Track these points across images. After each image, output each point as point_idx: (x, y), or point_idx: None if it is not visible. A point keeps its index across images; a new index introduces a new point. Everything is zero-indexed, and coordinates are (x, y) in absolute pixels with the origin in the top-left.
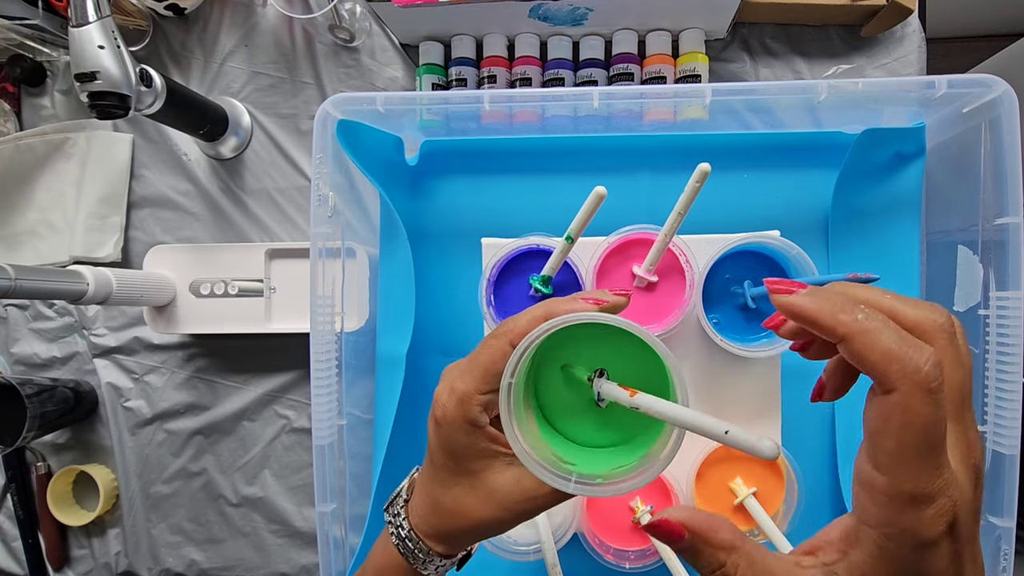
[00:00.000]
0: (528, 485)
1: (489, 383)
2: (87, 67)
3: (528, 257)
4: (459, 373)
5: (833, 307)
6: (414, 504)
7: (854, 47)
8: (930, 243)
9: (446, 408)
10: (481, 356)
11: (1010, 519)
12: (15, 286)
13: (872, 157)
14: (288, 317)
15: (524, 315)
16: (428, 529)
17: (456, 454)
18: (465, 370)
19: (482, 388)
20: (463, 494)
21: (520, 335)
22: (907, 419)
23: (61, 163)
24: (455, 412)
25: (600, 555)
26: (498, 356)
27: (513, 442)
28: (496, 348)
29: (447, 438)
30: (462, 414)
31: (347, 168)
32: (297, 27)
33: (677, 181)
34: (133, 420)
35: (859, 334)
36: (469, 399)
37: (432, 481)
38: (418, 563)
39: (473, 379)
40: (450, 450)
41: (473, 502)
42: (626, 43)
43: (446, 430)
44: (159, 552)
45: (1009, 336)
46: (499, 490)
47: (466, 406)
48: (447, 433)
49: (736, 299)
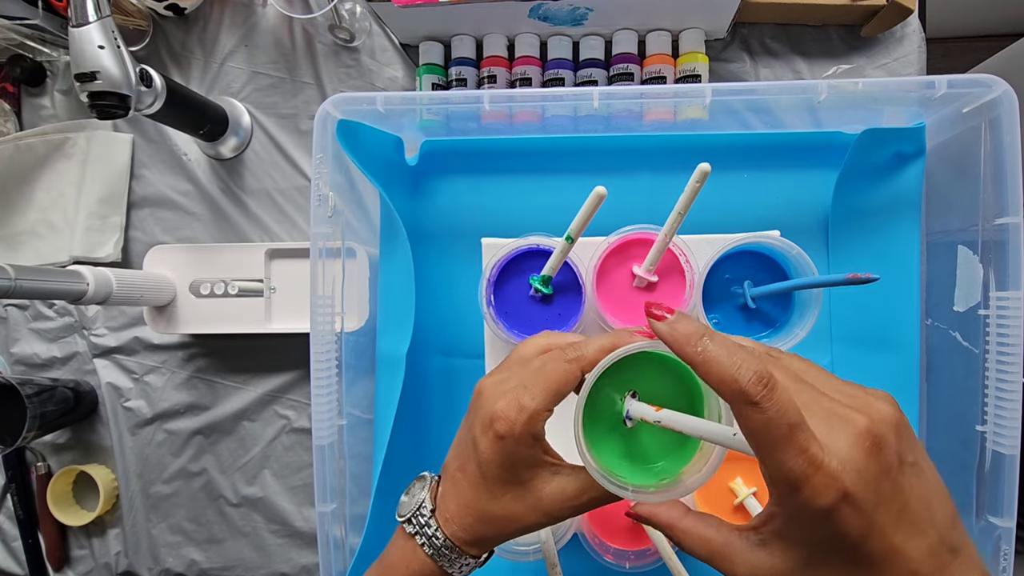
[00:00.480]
0: (570, 492)
1: (555, 402)
2: (87, 67)
3: (528, 257)
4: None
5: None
6: (450, 514)
7: (854, 47)
8: (930, 243)
9: (514, 424)
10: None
11: (1010, 519)
12: (15, 286)
13: (872, 157)
14: (288, 317)
15: (593, 343)
16: (471, 537)
17: (513, 465)
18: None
19: (551, 406)
20: (512, 503)
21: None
22: (748, 426)
23: (61, 163)
24: (523, 428)
25: (600, 555)
26: (570, 379)
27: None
28: (568, 372)
29: (510, 451)
30: (529, 429)
31: (347, 168)
32: (297, 27)
33: (677, 181)
34: (133, 420)
35: (702, 363)
36: (538, 416)
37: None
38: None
39: (544, 397)
40: (509, 463)
41: (521, 509)
42: (626, 43)
43: (510, 444)
44: (159, 552)
45: (1009, 336)
46: (545, 497)
47: (535, 422)
48: (510, 447)
49: (736, 299)
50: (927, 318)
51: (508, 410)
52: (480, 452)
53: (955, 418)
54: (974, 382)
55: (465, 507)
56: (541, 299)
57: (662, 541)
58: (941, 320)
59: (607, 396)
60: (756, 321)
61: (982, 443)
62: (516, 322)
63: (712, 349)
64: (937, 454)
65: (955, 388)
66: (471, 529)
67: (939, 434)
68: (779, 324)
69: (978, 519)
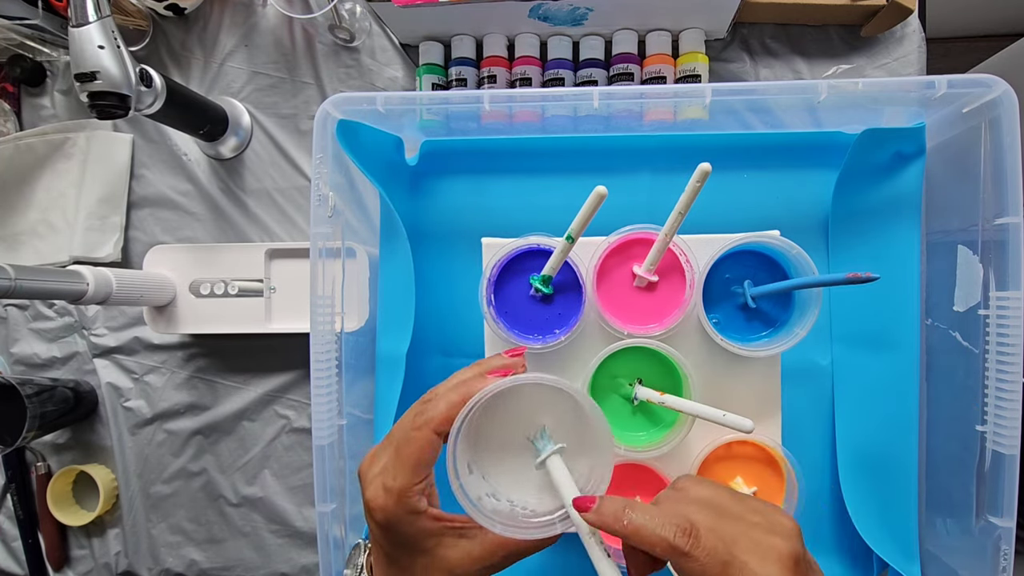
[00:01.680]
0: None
1: (420, 473)
2: (87, 67)
3: (528, 257)
4: (386, 471)
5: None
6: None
7: (854, 47)
8: (930, 243)
9: (385, 508)
10: (407, 450)
11: (1010, 519)
12: (15, 286)
13: (872, 157)
14: (288, 317)
15: (440, 402)
16: None
17: (406, 542)
18: (392, 467)
19: (415, 480)
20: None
21: (441, 422)
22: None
23: (61, 163)
24: (396, 509)
25: None
26: (424, 447)
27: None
28: (422, 439)
29: (394, 533)
30: (403, 508)
31: (347, 168)
32: (297, 27)
33: (677, 181)
34: (133, 420)
35: (633, 534)
36: (406, 493)
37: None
38: None
39: (404, 474)
40: (399, 542)
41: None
42: (626, 43)
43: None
44: (159, 552)
45: (1009, 336)
46: (454, 562)
47: (404, 501)
48: (393, 529)
49: (736, 299)
50: (927, 318)
51: (376, 497)
52: (374, 536)
53: (955, 418)
54: (974, 382)
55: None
56: (541, 299)
57: None
58: (941, 320)
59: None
60: (756, 321)
61: (982, 443)
62: (516, 322)
63: (636, 519)
64: (937, 454)
65: (955, 388)
66: None
67: (939, 434)
68: (779, 324)
69: (978, 519)
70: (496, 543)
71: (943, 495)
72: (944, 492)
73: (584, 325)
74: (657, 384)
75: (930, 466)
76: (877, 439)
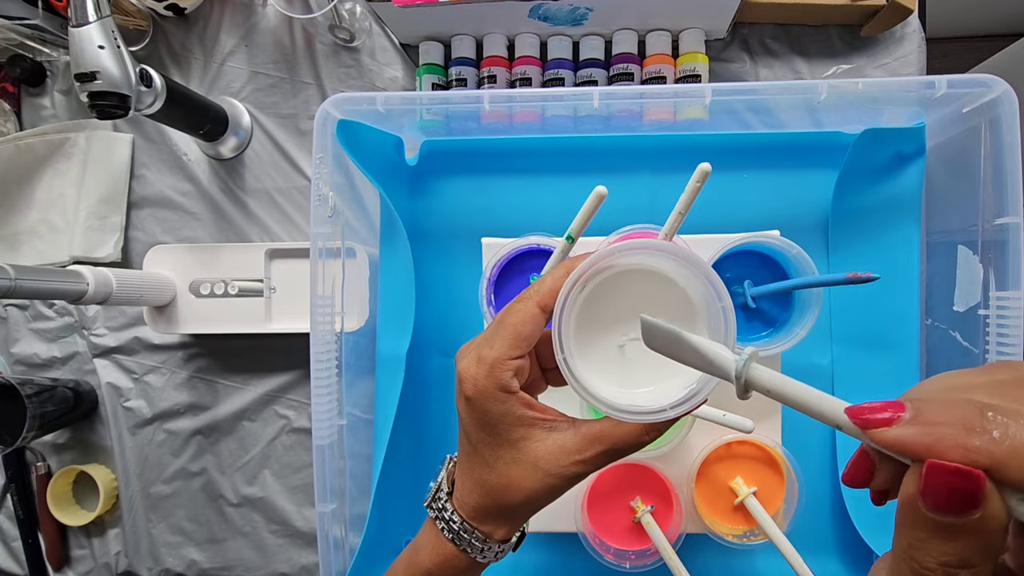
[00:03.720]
0: (571, 446)
1: (519, 347)
2: (87, 67)
3: (528, 257)
4: (485, 342)
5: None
6: (460, 494)
7: (854, 47)
8: (930, 243)
9: (476, 379)
10: (509, 320)
11: None
12: (15, 286)
13: (872, 157)
14: (288, 317)
15: (547, 277)
16: (482, 515)
17: (493, 425)
18: (491, 337)
19: (512, 353)
20: (508, 467)
21: (548, 294)
22: None
23: (61, 163)
24: (486, 381)
25: (600, 555)
26: (528, 319)
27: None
28: (525, 312)
29: (482, 411)
30: (494, 382)
31: (347, 168)
32: (297, 27)
33: (677, 181)
34: (133, 420)
35: None
36: (500, 364)
37: (473, 463)
38: (476, 552)
39: (502, 344)
40: (487, 423)
41: (520, 474)
42: (626, 43)
43: (479, 402)
44: (159, 552)
45: (1009, 336)
46: (543, 457)
47: (497, 372)
48: (481, 405)
49: (736, 299)
50: (927, 318)
51: (469, 367)
52: (462, 420)
53: None
54: None
55: (470, 483)
56: None
57: (662, 541)
58: (941, 320)
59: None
60: (756, 320)
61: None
62: None
63: None
64: None
65: None
66: (480, 507)
67: None
68: (779, 324)
69: None
70: (591, 436)
71: None
72: None
73: None
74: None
75: None
76: None
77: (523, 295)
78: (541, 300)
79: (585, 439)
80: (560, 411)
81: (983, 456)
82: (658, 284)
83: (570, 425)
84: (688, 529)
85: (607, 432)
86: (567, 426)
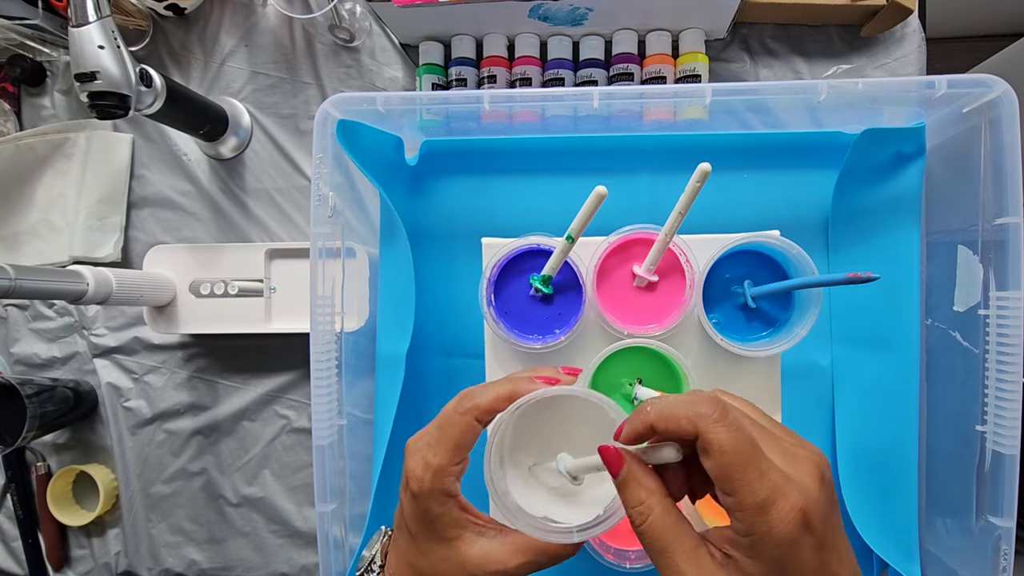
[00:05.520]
0: (495, 556)
1: (460, 454)
2: (87, 67)
3: (528, 257)
4: (428, 447)
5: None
6: (392, 570)
7: (854, 47)
8: (930, 243)
9: (422, 481)
10: (449, 431)
11: (1010, 519)
12: (15, 286)
13: (872, 157)
14: (288, 317)
15: (487, 391)
16: None
17: (431, 522)
18: (435, 445)
19: (454, 460)
20: (439, 562)
21: (484, 411)
22: (713, 448)
23: (61, 163)
24: (432, 484)
25: (600, 555)
26: (467, 430)
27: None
28: (465, 424)
29: (423, 508)
30: (438, 486)
31: (347, 168)
32: (297, 27)
33: (677, 181)
34: (133, 420)
35: (658, 420)
36: (444, 471)
37: (409, 547)
38: None
39: (445, 453)
40: (426, 519)
41: (448, 568)
42: (626, 43)
43: (422, 501)
44: (159, 552)
45: (1009, 336)
46: (470, 560)
47: (441, 478)
48: (423, 504)
49: (736, 299)
50: (927, 318)
51: (416, 468)
52: (403, 509)
53: (955, 418)
54: (974, 382)
55: (404, 564)
56: (541, 299)
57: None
58: (941, 320)
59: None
60: (756, 321)
61: (982, 443)
62: (516, 322)
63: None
64: (937, 454)
65: (955, 388)
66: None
67: (939, 434)
68: (779, 324)
69: (978, 519)
70: (514, 547)
71: (943, 495)
72: (944, 492)
73: (584, 325)
74: (657, 384)
75: (930, 466)
76: (877, 439)
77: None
78: (479, 415)
79: (509, 548)
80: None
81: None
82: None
83: (497, 532)
84: None
85: (530, 544)
86: (495, 533)
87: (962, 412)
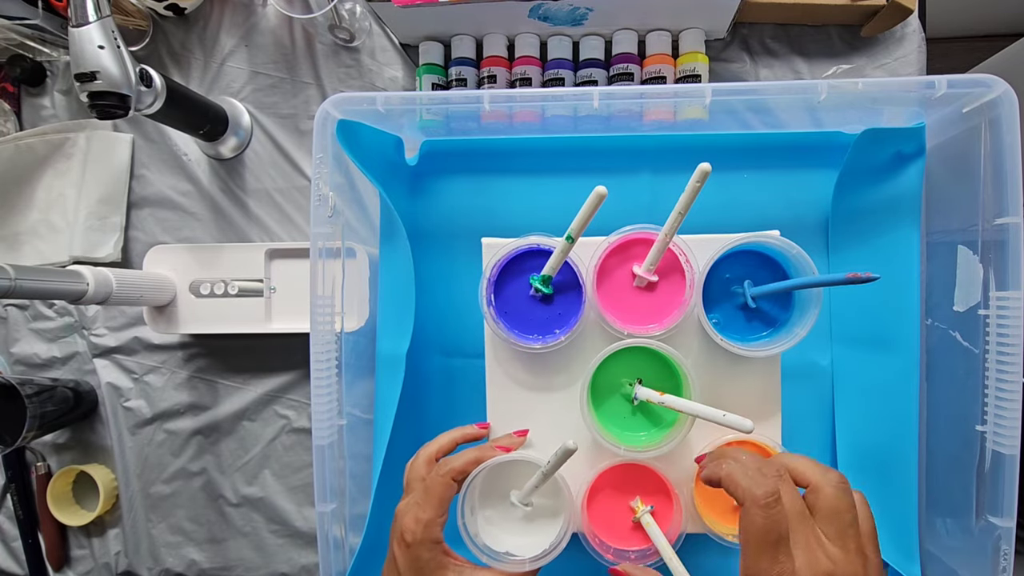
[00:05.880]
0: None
1: (442, 509)
2: (87, 67)
3: (528, 257)
4: (418, 506)
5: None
6: None
7: (854, 47)
8: (930, 243)
9: (415, 533)
10: (434, 490)
11: (1010, 519)
12: (15, 286)
13: (872, 157)
14: (288, 317)
15: (459, 457)
16: None
17: (421, 568)
18: (423, 503)
19: (439, 513)
20: None
21: (459, 471)
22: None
23: (61, 163)
24: (423, 535)
25: (600, 555)
26: (447, 488)
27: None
28: (445, 484)
29: (415, 556)
30: (428, 535)
31: (347, 168)
32: (297, 27)
33: (677, 181)
34: (133, 420)
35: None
36: (432, 524)
37: None
38: None
39: (432, 508)
40: (417, 565)
41: None
42: (626, 43)
43: (415, 549)
44: (159, 552)
45: (1009, 336)
46: None
47: (430, 529)
48: (416, 552)
49: (736, 299)
50: (927, 318)
51: (410, 524)
52: (396, 560)
53: (955, 418)
54: (974, 382)
55: None
56: (541, 299)
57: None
58: (941, 320)
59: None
60: (756, 321)
61: (982, 443)
62: (516, 322)
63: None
64: (937, 454)
65: (955, 388)
66: None
67: (939, 434)
68: (779, 324)
69: (978, 519)
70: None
71: (943, 495)
72: (944, 492)
73: (584, 325)
74: (657, 384)
75: (930, 466)
76: (877, 439)
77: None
78: (455, 476)
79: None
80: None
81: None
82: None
83: (473, 569)
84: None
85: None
86: (471, 570)
87: (962, 412)
